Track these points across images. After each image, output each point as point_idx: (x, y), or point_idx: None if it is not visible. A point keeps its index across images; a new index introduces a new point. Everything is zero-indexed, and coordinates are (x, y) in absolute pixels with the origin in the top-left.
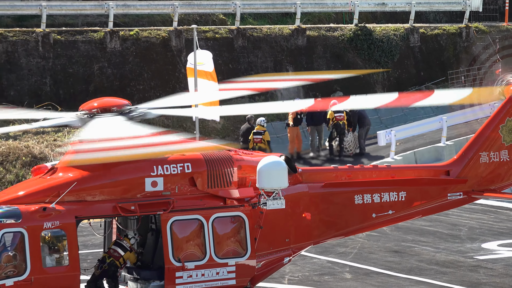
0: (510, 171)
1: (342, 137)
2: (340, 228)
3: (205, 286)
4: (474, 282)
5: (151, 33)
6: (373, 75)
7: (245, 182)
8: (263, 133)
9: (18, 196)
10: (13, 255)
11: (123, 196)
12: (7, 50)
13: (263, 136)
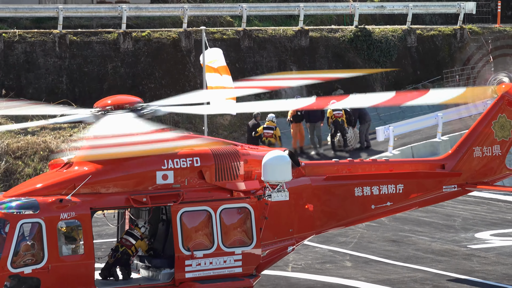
0: (502, 165)
1: (343, 133)
2: (341, 218)
3: (213, 274)
4: (468, 270)
5: (162, 34)
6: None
7: (251, 175)
8: (274, 128)
9: (36, 188)
10: (31, 244)
11: (136, 189)
12: (26, 51)
13: (274, 131)
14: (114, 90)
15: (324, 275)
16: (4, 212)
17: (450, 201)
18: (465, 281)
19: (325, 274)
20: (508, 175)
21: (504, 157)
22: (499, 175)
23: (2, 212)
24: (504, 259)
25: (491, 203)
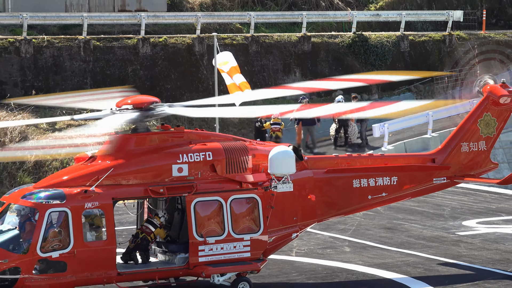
0: (487, 159)
1: (346, 129)
2: (340, 208)
3: (224, 258)
4: (456, 255)
5: (177, 40)
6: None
7: (258, 168)
8: (280, 123)
9: (62, 180)
10: (58, 231)
11: (153, 180)
12: (54, 55)
13: (281, 126)
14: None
15: (325, 259)
16: (34, 202)
17: (439, 192)
18: (453, 265)
19: (326, 258)
20: (493, 168)
21: (489, 152)
22: (484, 168)
23: (32, 202)
24: (489, 244)
25: (477, 194)
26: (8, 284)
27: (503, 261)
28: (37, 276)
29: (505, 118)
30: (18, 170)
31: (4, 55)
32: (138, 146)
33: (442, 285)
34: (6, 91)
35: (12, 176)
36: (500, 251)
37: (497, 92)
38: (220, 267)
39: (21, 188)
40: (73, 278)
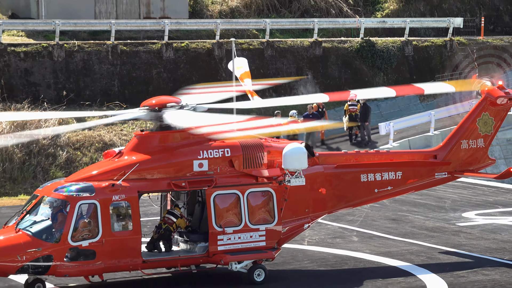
0: (485, 155)
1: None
2: (349, 200)
3: (241, 247)
4: (456, 244)
5: (198, 45)
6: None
7: (273, 163)
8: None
9: (92, 174)
10: (88, 222)
11: (176, 175)
12: (84, 59)
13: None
14: (157, 92)
15: (335, 248)
16: (65, 195)
17: (441, 186)
18: (454, 253)
19: (336, 247)
20: (490, 164)
21: (487, 148)
22: (482, 164)
23: (64, 195)
24: (486, 234)
25: (476, 188)
26: (41, 271)
27: (500, 250)
28: (68, 263)
29: (502, 118)
30: (51, 165)
31: (38, 59)
32: (162, 143)
33: (443, 272)
34: (39, 92)
35: (45, 170)
36: (497, 240)
37: (495, 94)
38: (237, 255)
39: (53, 182)
40: (101, 265)
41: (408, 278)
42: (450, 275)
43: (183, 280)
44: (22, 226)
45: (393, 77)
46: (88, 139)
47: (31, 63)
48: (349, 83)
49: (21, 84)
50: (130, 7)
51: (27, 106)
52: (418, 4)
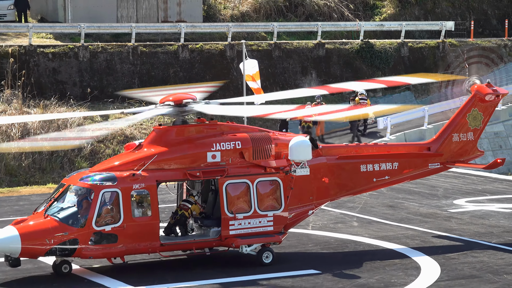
0: (474, 147)
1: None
2: (349, 189)
3: (251, 231)
4: (448, 228)
5: (211, 46)
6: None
7: (280, 155)
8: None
9: (114, 165)
10: (110, 208)
11: (191, 166)
12: (107, 59)
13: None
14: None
15: (336, 233)
16: (90, 183)
17: (434, 175)
18: (446, 237)
19: (337, 231)
20: (479, 155)
21: (476, 141)
22: (472, 155)
23: (88, 184)
24: (476, 220)
25: (466, 177)
26: (68, 253)
27: (488, 234)
28: (93, 246)
29: (490, 113)
30: (77, 156)
31: (65, 59)
32: (178, 136)
33: (436, 254)
34: (66, 90)
35: (72, 161)
36: (485, 225)
37: (483, 91)
38: (247, 239)
39: (79, 172)
40: (123, 248)
41: (404, 260)
42: (442, 257)
43: (198, 261)
44: (50, 212)
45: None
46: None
47: (58, 63)
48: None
49: (50, 82)
50: (149, 12)
51: (55, 103)
52: (413, 8)
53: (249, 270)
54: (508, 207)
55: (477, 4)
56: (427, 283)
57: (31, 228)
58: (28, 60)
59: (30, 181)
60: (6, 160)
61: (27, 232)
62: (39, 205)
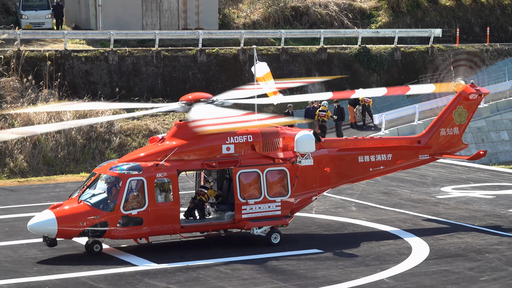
0: (459, 141)
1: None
2: (348, 177)
3: (261, 215)
4: (436, 213)
5: (226, 51)
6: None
7: (287, 147)
8: (326, 111)
9: (140, 156)
10: (136, 195)
11: (208, 157)
12: (133, 62)
13: (327, 113)
14: (193, 89)
15: (337, 216)
16: (118, 173)
17: (423, 165)
18: (434, 221)
19: (338, 215)
20: (464, 147)
21: (461, 135)
22: (457, 148)
23: (117, 172)
24: (461, 205)
25: (452, 167)
26: (99, 234)
27: (471, 217)
28: (121, 228)
29: (473, 110)
30: (106, 148)
31: (96, 62)
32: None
33: (425, 236)
34: (97, 89)
35: (102, 153)
36: (469, 210)
37: (467, 91)
38: (258, 222)
39: (108, 162)
40: (147, 230)
41: (397, 241)
42: (431, 238)
43: (214, 242)
44: (83, 198)
45: (385, 77)
46: (137, 127)
47: (90, 65)
48: (349, 82)
49: (82, 83)
50: (171, 20)
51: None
52: (405, 17)
53: (260, 250)
54: (489, 194)
55: (462, 13)
56: (418, 261)
57: (66, 212)
58: (64, 63)
59: (65, 170)
60: (44, 151)
61: (62, 216)
62: (73, 192)
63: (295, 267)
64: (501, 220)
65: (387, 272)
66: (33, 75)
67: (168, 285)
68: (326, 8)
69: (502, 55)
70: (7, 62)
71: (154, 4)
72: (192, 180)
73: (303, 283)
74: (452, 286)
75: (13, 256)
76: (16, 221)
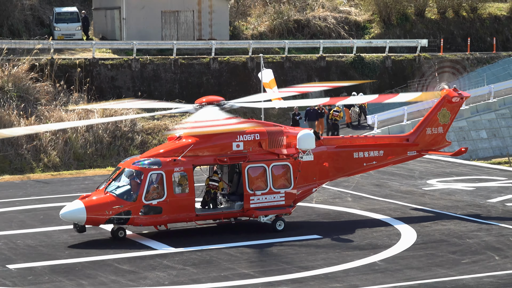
0: (443, 139)
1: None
2: (345, 171)
3: (267, 205)
4: (423, 203)
5: (236, 59)
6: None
7: (290, 145)
8: (339, 111)
9: (159, 152)
10: (156, 186)
11: (220, 153)
12: (154, 69)
13: (339, 113)
14: (207, 93)
15: (334, 206)
16: (140, 167)
17: (411, 161)
18: (421, 210)
19: (335, 205)
20: (447, 145)
21: (445, 134)
22: (441, 145)
23: (139, 167)
24: (444, 196)
25: (436, 162)
26: (123, 222)
27: (454, 207)
28: (142, 216)
29: (456, 112)
30: (130, 145)
31: (121, 69)
32: None
33: (413, 223)
34: (122, 93)
35: (126, 149)
36: (452, 200)
37: (451, 94)
38: (264, 211)
39: (131, 158)
40: (166, 218)
41: (388, 228)
42: (418, 225)
43: (225, 228)
44: (109, 189)
45: (377, 83)
46: (157, 127)
47: (115, 72)
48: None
49: (108, 87)
50: (187, 32)
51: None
52: (395, 29)
53: (266, 235)
54: (470, 186)
55: (445, 26)
56: (406, 246)
57: (94, 202)
58: (92, 70)
59: (93, 165)
60: (75, 148)
61: (91, 205)
62: (100, 184)
63: (297, 251)
64: (480, 209)
65: (379, 256)
66: (65, 80)
67: (184, 267)
68: (325, 21)
69: (481, 63)
70: (42, 69)
71: (172, 18)
72: (206, 174)
73: (304, 265)
74: (437, 268)
75: (47, 241)
76: (49, 210)
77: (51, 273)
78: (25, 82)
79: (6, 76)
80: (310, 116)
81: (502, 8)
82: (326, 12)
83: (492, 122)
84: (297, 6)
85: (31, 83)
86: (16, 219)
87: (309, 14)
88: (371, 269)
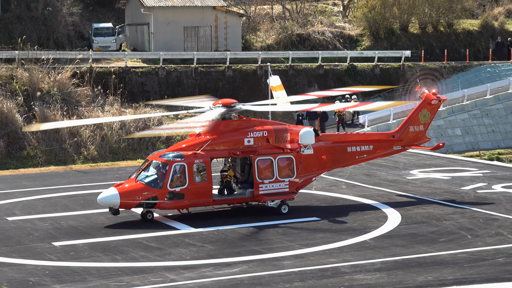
0: (424, 135)
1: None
2: (340, 163)
3: (273, 192)
4: (406, 190)
5: (247, 67)
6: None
7: (293, 140)
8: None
9: (182, 147)
10: (179, 176)
11: (233, 147)
12: (177, 76)
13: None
14: (223, 96)
15: (331, 192)
16: (166, 159)
17: (396, 154)
18: (405, 196)
19: (332, 192)
20: (427, 141)
21: (425, 131)
22: (422, 141)
23: (165, 159)
24: (425, 184)
25: (418, 155)
26: (151, 206)
27: (433, 194)
28: (167, 201)
29: (435, 112)
30: (157, 141)
31: (149, 76)
32: (225, 127)
33: (398, 207)
34: (150, 96)
35: (153, 144)
36: (431, 188)
37: (430, 97)
38: (271, 196)
39: (158, 151)
40: (187, 203)
41: (377, 211)
42: (402, 209)
43: (238, 211)
44: (139, 178)
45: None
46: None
47: (145, 78)
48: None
49: (139, 91)
50: (205, 44)
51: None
52: (383, 42)
53: (272, 217)
54: (446, 176)
55: (426, 39)
56: (392, 227)
57: (127, 189)
58: (124, 76)
59: (126, 157)
60: (110, 143)
61: (124, 192)
62: (132, 173)
63: (299, 230)
64: (455, 196)
65: (369, 235)
66: (102, 85)
67: (203, 244)
68: (323, 35)
69: (456, 70)
70: (82, 76)
71: (193, 32)
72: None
73: (305, 243)
74: (418, 245)
75: (86, 222)
76: (88, 196)
77: (90, 249)
78: (68, 87)
79: (52, 82)
80: (310, 116)
81: (474, 24)
82: (324, 28)
83: (465, 121)
84: (300, 22)
85: (73, 88)
86: (60, 204)
87: (309, 29)
88: (362, 246)
